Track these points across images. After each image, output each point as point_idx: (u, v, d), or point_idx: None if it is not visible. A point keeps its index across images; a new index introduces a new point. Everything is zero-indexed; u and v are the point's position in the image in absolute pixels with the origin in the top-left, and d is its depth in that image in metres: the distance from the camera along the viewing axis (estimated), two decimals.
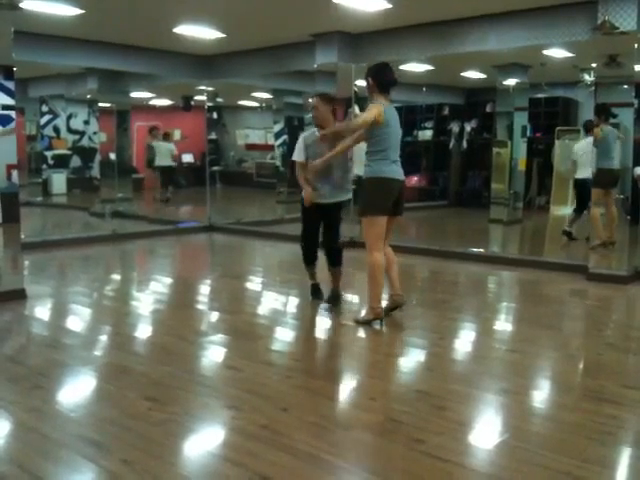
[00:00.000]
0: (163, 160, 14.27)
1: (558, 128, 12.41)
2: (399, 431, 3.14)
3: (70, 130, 15.55)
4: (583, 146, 8.93)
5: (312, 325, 5.37)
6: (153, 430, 3.13)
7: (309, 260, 5.71)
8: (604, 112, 7.06)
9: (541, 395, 3.81)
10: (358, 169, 5.98)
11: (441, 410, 3.39)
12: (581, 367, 4.40)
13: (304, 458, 2.84)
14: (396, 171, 4.93)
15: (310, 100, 5.51)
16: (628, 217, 7.09)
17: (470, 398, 3.61)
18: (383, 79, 4.93)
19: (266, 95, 14.58)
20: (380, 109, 4.82)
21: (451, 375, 4.05)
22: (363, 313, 5.14)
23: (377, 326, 4.98)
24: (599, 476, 2.74)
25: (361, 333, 5.01)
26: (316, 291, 5.81)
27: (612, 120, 7.10)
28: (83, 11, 7.42)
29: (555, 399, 3.74)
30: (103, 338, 4.93)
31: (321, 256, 5.66)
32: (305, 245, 5.67)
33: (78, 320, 5.46)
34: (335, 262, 5.59)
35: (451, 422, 3.25)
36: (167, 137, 14.76)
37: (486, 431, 3.24)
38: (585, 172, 8.49)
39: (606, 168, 7.26)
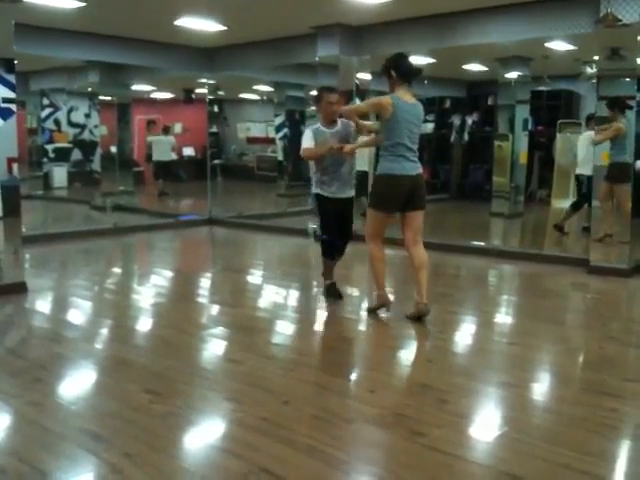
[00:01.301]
0: (163, 155, 14.29)
1: (560, 121, 12.39)
2: (400, 424, 3.14)
3: (71, 123, 15.55)
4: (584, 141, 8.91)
5: (313, 318, 5.37)
6: (154, 423, 3.14)
7: (332, 254, 5.53)
8: (619, 104, 6.99)
9: (542, 388, 3.81)
10: (360, 165, 6.00)
11: (442, 403, 3.39)
12: (582, 360, 4.41)
13: (305, 451, 2.85)
14: (406, 167, 4.82)
15: (327, 95, 5.44)
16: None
17: (471, 391, 3.61)
18: (405, 69, 4.86)
19: (267, 88, 14.56)
20: (385, 101, 4.79)
21: (452, 368, 4.06)
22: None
23: (383, 314, 5.03)
24: (599, 469, 2.74)
25: (362, 326, 5.02)
26: (333, 291, 5.60)
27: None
28: (84, 4, 7.39)
29: (556, 392, 3.74)
30: (104, 331, 4.94)
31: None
32: (329, 237, 5.50)
33: (79, 313, 5.47)
34: (339, 254, 5.58)
35: (452, 415, 3.25)
36: (167, 131, 14.74)
37: (487, 424, 3.25)
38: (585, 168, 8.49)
39: (623, 162, 7.22)
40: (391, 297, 5.15)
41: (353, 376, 4.06)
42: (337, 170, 5.40)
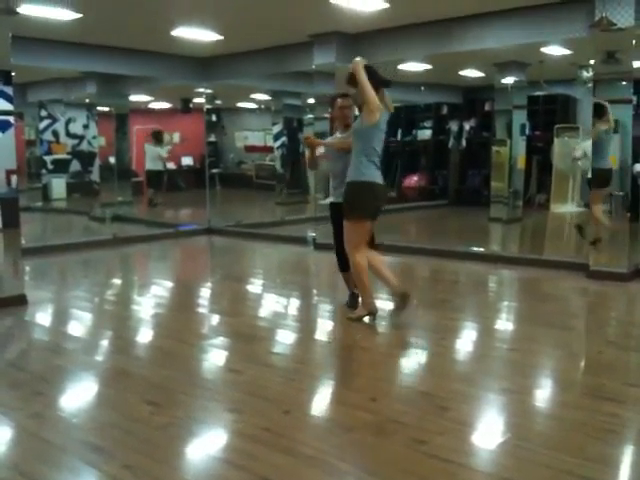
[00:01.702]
0: (150, 164, 14.17)
1: (557, 126, 12.40)
2: (401, 432, 3.13)
3: (69, 134, 15.56)
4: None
5: (313, 327, 5.37)
6: (155, 434, 3.13)
7: (343, 265, 5.43)
8: (594, 110, 7.08)
9: (542, 394, 3.80)
10: None
11: (443, 410, 3.39)
12: (582, 365, 4.40)
13: (306, 460, 2.84)
14: (378, 175, 4.94)
15: (340, 100, 5.42)
16: (628, 214, 7.08)
17: (472, 398, 3.61)
18: (379, 79, 4.93)
19: (265, 97, 14.58)
20: (380, 107, 4.82)
21: (452, 375, 4.05)
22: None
23: (367, 320, 5.05)
24: (601, 474, 2.73)
25: (362, 334, 5.01)
26: (353, 299, 5.46)
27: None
28: (80, 15, 7.41)
29: (556, 397, 3.74)
30: (104, 343, 4.93)
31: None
32: (339, 250, 5.41)
33: (79, 325, 5.46)
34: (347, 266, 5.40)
35: (453, 422, 3.25)
36: (157, 140, 14.57)
37: (488, 431, 3.24)
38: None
39: (602, 168, 7.27)
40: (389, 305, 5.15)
41: (353, 384, 4.04)
42: (345, 171, 5.32)
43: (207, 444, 3.13)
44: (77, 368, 4.23)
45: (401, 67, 9.67)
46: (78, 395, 3.84)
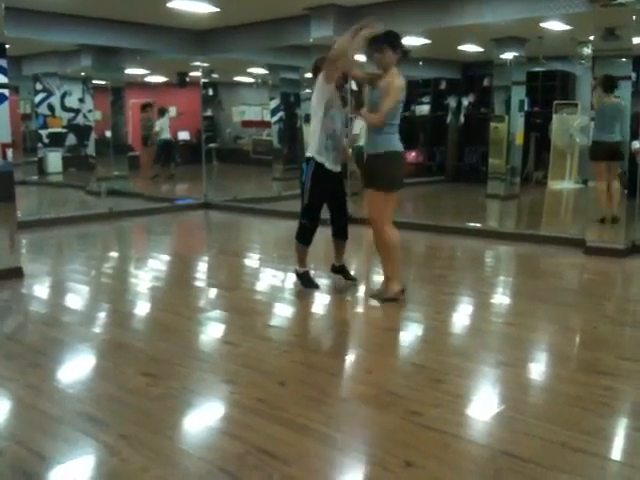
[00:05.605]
0: (163, 134, 14.26)
1: (556, 102, 12.36)
2: (396, 404, 3.15)
3: (65, 108, 15.47)
4: None
5: (310, 301, 5.37)
6: (151, 405, 3.15)
7: (311, 240, 5.35)
8: (601, 83, 7.06)
9: (537, 367, 3.82)
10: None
11: (438, 383, 3.41)
12: (577, 339, 4.42)
13: (301, 431, 2.85)
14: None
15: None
16: (626, 191, 7.08)
17: (467, 371, 3.62)
18: (403, 48, 4.96)
19: (262, 71, 14.48)
20: (401, 84, 4.81)
21: (448, 348, 4.07)
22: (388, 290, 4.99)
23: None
24: (595, 447, 2.75)
25: (359, 308, 5.03)
26: (311, 278, 5.44)
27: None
28: None
29: (551, 371, 3.76)
30: (101, 315, 4.93)
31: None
32: (313, 224, 5.32)
33: (75, 298, 5.46)
34: (346, 234, 5.35)
35: (448, 394, 3.26)
36: (164, 113, 14.63)
37: (483, 403, 3.26)
38: None
39: (594, 140, 7.29)
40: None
41: (349, 357, 4.07)
42: (341, 136, 5.10)
43: (203, 415, 3.15)
44: (73, 340, 4.24)
45: None
46: (74, 367, 3.85)
